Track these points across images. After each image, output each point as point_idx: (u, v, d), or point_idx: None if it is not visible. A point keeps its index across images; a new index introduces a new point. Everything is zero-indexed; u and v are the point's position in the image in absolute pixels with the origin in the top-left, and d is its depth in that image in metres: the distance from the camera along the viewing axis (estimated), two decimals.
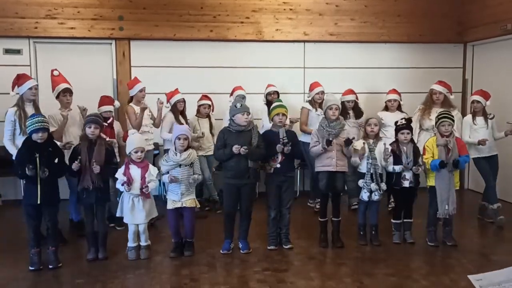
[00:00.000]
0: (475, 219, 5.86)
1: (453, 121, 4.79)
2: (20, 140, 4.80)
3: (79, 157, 4.34)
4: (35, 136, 4.18)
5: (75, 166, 4.31)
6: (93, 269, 4.30)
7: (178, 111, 5.96)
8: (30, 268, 4.24)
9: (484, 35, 7.04)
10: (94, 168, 4.32)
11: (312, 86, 6.24)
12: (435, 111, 5.72)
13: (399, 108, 6.18)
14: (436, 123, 4.85)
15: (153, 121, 5.85)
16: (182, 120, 5.95)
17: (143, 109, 5.58)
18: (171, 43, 6.96)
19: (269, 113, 4.84)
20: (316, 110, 6.13)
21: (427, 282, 3.98)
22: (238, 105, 4.58)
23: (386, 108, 6.21)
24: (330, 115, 4.73)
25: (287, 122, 5.53)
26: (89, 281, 4.05)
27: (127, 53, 6.89)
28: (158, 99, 5.81)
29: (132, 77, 6.68)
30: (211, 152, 5.72)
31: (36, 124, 4.17)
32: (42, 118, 4.27)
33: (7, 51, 6.67)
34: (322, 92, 6.11)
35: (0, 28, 6.51)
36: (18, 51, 6.68)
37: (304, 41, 7.25)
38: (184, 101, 6.00)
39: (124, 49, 6.88)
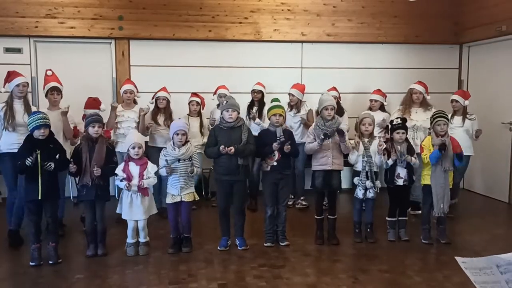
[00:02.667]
0: (469, 218, 5.93)
1: (448, 120, 4.88)
2: (3, 136, 4.84)
3: (72, 160, 4.40)
4: (36, 133, 4.24)
5: (72, 168, 4.37)
6: (93, 264, 4.36)
7: (158, 108, 5.88)
8: (31, 263, 4.29)
9: (480, 36, 7.11)
10: (95, 172, 4.38)
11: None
12: (415, 111, 5.86)
13: (381, 108, 6.32)
14: (431, 123, 4.92)
15: (136, 124, 5.70)
16: (160, 119, 5.84)
17: (114, 108, 5.60)
18: (170, 43, 7.02)
19: (267, 112, 4.91)
20: (291, 110, 6.29)
21: (420, 278, 4.06)
22: (225, 102, 4.71)
23: (370, 108, 6.34)
24: (326, 115, 4.80)
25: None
26: (89, 276, 4.12)
27: (126, 52, 6.95)
28: (141, 108, 5.71)
29: (132, 77, 6.77)
30: (199, 151, 5.67)
31: (38, 121, 4.23)
32: (43, 115, 4.32)
33: (8, 50, 6.71)
34: (292, 95, 6.28)
35: (1, 27, 6.56)
36: (18, 50, 6.73)
37: (302, 42, 7.31)
38: (166, 99, 5.87)
39: (124, 48, 6.94)
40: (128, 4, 6.83)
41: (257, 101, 6.39)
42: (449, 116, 5.76)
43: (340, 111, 6.38)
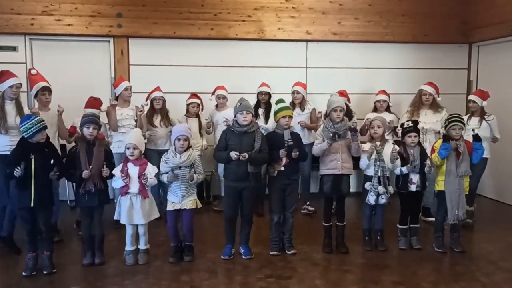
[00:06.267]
0: (482, 224, 5.72)
1: (464, 124, 4.70)
2: None
3: (91, 166, 4.18)
4: (38, 137, 4.04)
5: (85, 174, 4.15)
6: (90, 274, 4.15)
7: (154, 109, 5.79)
8: (23, 273, 4.07)
9: (490, 36, 6.92)
10: (104, 172, 4.20)
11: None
12: (424, 113, 5.66)
13: (387, 109, 6.13)
14: (445, 126, 4.70)
15: (135, 122, 5.63)
16: (156, 120, 5.77)
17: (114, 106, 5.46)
18: (170, 41, 6.82)
19: (274, 114, 4.68)
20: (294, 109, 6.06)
21: None
22: (238, 104, 4.45)
23: (375, 109, 6.15)
24: (335, 118, 4.57)
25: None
26: (85, 286, 3.92)
27: (125, 51, 6.74)
28: (136, 106, 5.64)
29: (131, 76, 6.59)
30: (198, 153, 5.50)
31: (38, 125, 4.03)
32: (39, 118, 4.12)
33: (2, 48, 6.49)
34: (297, 92, 6.04)
35: None
36: (13, 48, 6.52)
37: (307, 40, 7.11)
38: (162, 99, 5.81)
39: (123, 47, 6.73)
40: (127, 1, 6.62)
41: (264, 103, 6.16)
42: (466, 117, 5.58)
43: (349, 114, 6.17)
